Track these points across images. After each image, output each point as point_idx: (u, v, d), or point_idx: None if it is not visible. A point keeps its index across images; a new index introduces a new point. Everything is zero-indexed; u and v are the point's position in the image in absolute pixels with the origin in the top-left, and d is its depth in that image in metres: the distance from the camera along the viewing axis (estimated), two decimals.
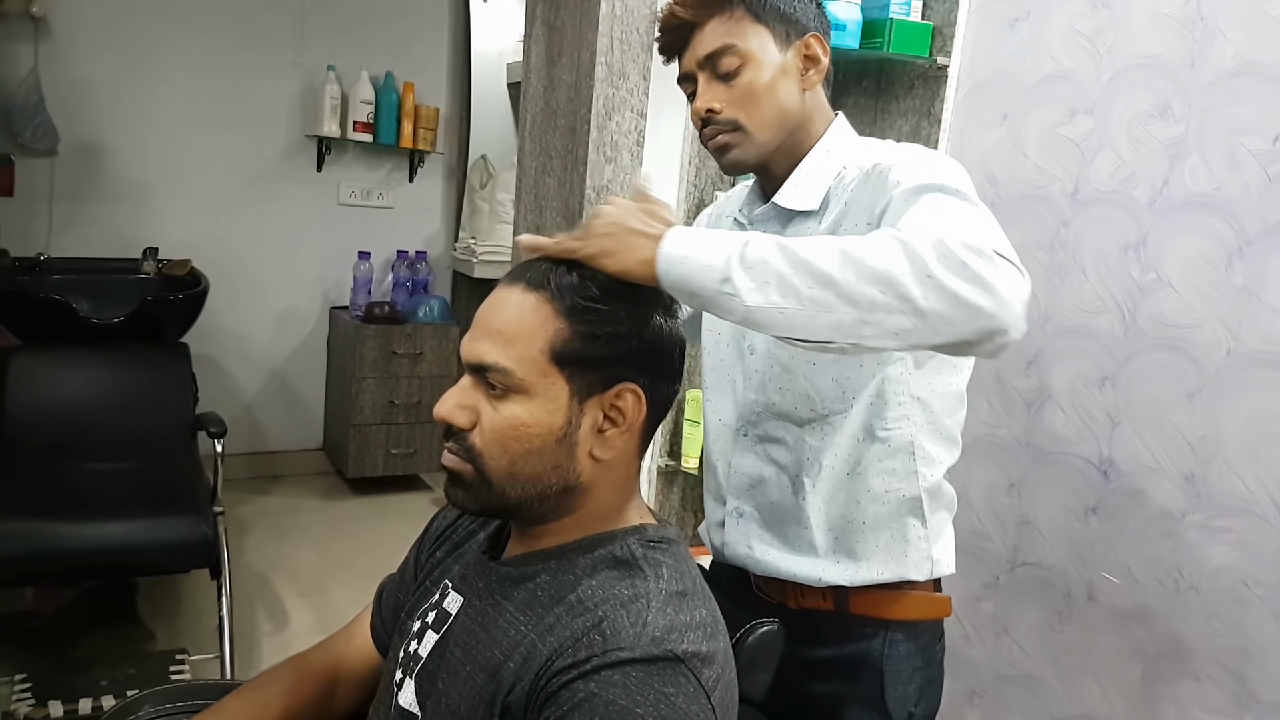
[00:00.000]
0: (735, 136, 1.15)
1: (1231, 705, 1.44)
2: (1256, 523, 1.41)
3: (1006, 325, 0.81)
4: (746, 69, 1.13)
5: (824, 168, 1.17)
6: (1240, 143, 1.42)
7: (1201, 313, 1.47)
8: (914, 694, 1.21)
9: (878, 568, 1.18)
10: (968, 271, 0.80)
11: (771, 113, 1.14)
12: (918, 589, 1.20)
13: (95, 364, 2.90)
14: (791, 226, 1.18)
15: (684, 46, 1.16)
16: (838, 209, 1.13)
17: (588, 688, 0.81)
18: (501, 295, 0.93)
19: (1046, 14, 1.69)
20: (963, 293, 0.80)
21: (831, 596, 1.20)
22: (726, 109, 1.14)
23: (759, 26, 1.13)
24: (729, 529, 1.26)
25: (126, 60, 3.49)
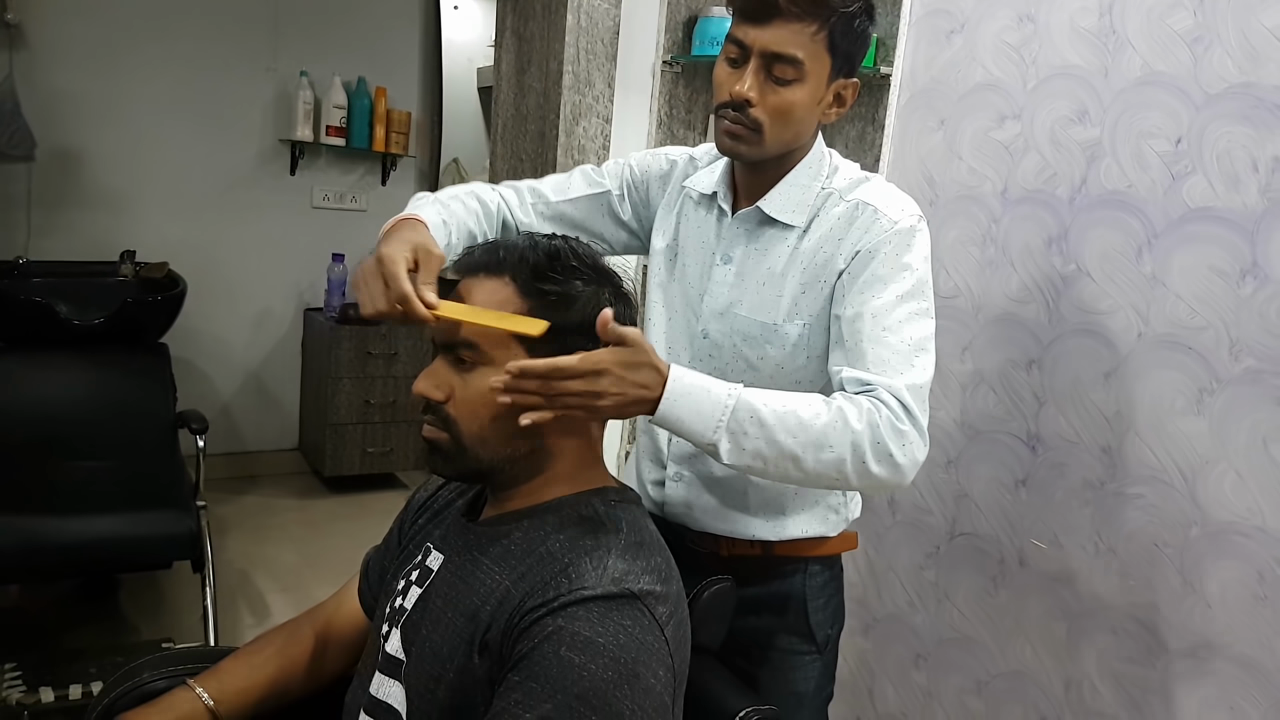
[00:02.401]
0: (750, 135, 1.18)
1: (1144, 654, 1.58)
2: (1164, 489, 1.54)
3: (900, 487, 1.14)
4: (797, 87, 1.15)
5: (808, 185, 1.25)
6: (1148, 145, 1.56)
7: (1115, 300, 1.61)
8: (830, 617, 1.39)
9: (802, 526, 1.34)
10: (890, 462, 1.08)
11: (791, 133, 1.20)
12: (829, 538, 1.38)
13: (76, 365, 2.95)
14: (769, 232, 1.26)
15: (761, 19, 1.14)
16: (821, 231, 1.22)
17: (555, 622, 0.93)
18: (466, 284, 1.06)
19: (978, 27, 1.83)
20: (880, 476, 1.09)
21: (760, 545, 1.34)
22: (759, 108, 1.16)
23: (826, 55, 1.15)
24: (669, 490, 1.37)
25: (102, 67, 3.54)
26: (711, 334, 1.29)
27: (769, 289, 1.25)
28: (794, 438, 1.07)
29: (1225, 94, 1.46)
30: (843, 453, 1.07)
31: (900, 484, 1.12)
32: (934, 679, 1.94)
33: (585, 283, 1.06)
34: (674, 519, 1.37)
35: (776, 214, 1.24)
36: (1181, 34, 1.51)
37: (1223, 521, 1.47)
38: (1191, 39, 1.50)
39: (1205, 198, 1.49)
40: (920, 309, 1.16)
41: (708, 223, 1.32)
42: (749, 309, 1.26)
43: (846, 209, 1.21)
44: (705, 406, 1.06)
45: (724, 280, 1.28)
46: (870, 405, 1.09)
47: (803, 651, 1.37)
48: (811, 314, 1.22)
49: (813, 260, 1.22)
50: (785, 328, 1.24)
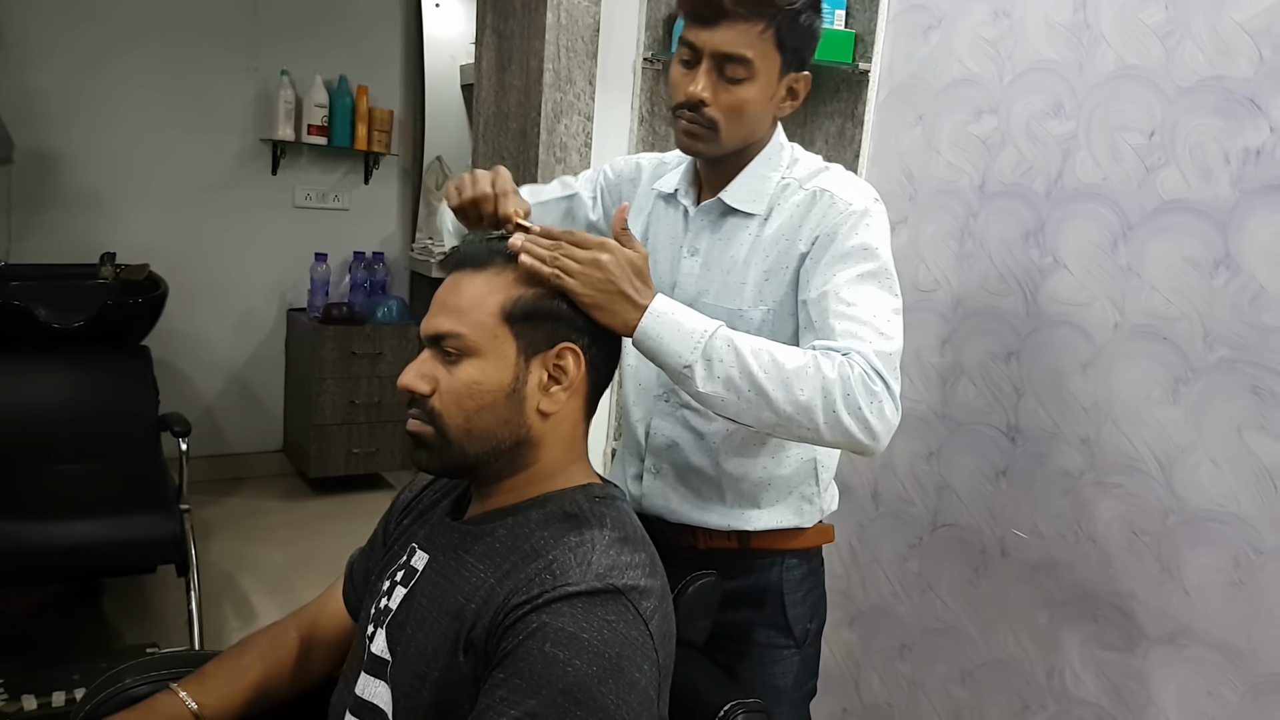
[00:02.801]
0: (706, 134, 1.23)
1: (1125, 641, 1.60)
2: (1142, 478, 1.56)
3: (873, 450, 1.13)
4: (748, 85, 1.19)
5: (767, 175, 1.28)
6: (1122, 138, 1.58)
7: (1092, 291, 1.63)
8: (808, 611, 1.40)
9: (777, 518, 1.36)
10: (860, 415, 1.08)
11: (746, 129, 1.24)
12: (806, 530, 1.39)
13: (58, 368, 2.93)
14: (730, 221, 1.30)
15: (709, 21, 1.17)
16: (781, 219, 1.25)
17: (540, 618, 0.93)
18: (454, 279, 1.07)
19: (955, 22, 1.84)
20: (852, 430, 1.09)
21: (736, 537, 1.37)
22: (713, 107, 1.20)
23: (775, 52, 1.19)
24: (647, 483, 1.40)
25: (81, 67, 3.52)
26: None
27: (733, 276, 1.28)
28: (766, 373, 1.08)
29: (1197, 87, 1.48)
30: (814, 397, 1.08)
31: (873, 446, 1.11)
32: (919, 669, 1.95)
33: None
34: (652, 512, 1.39)
35: (737, 204, 1.28)
36: (1153, 28, 1.53)
37: (1199, 509, 1.49)
38: (1163, 33, 1.52)
39: (1178, 189, 1.50)
40: (882, 285, 1.18)
41: (675, 219, 1.36)
42: (715, 297, 1.29)
43: (805, 196, 1.25)
44: (687, 327, 1.09)
45: (691, 271, 1.32)
46: (843, 360, 1.10)
47: (780, 645, 1.38)
48: (775, 299, 1.25)
49: (774, 247, 1.25)
50: (750, 314, 1.27)
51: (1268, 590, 1.41)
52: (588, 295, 1.06)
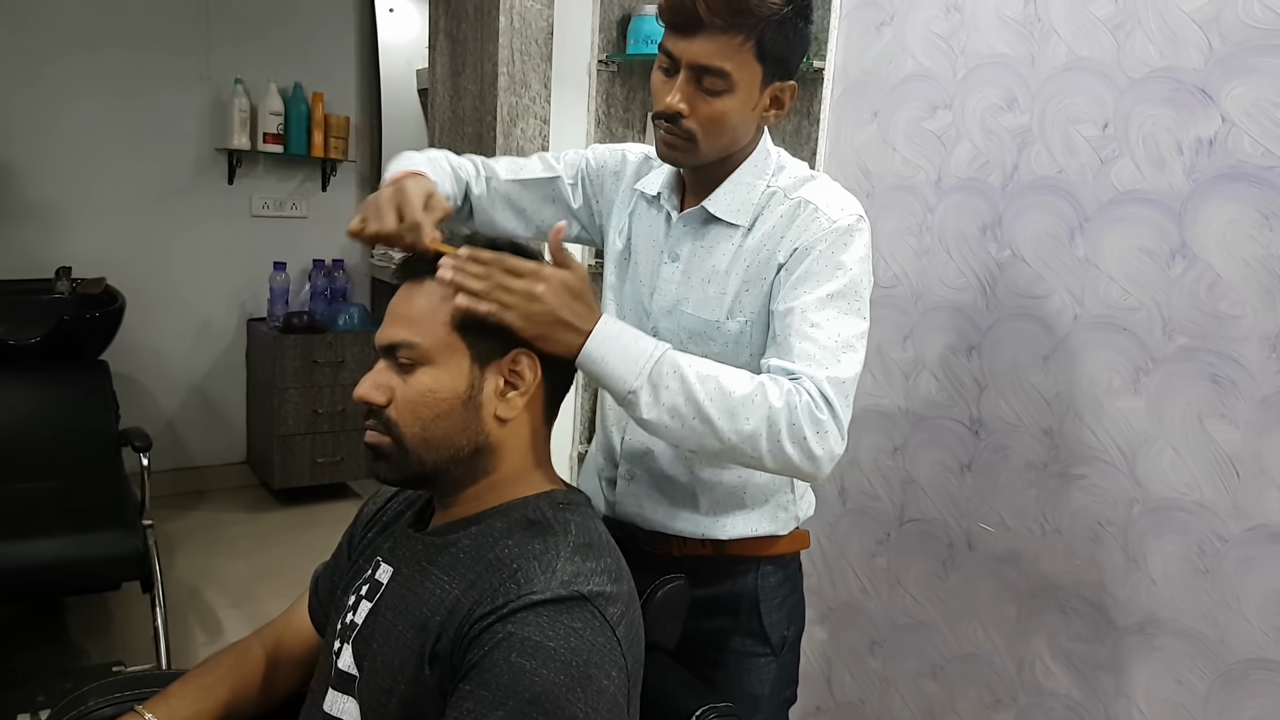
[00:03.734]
0: (684, 145, 1.20)
1: (1093, 632, 1.61)
2: (1105, 468, 1.57)
3: (815, 478, 1.14)
4: (727, 97, 1.15)
5: (752, 183, 1.25)
6: (1076, 130, 1.59)
7: (1050, 283, 1.63)
8: (785, 618, 1.39)
9: (752, 525, 1.34)
10: (803, 445, 1.08)
11: (726, 139, 1.21)
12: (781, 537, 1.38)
13: (14, 385, 2.91)
14: (713, 229, 1.26)
15: (685, 32, 1.13)
16: (764, 229, 1.23)
17: (505, 628, 0.92)
18: (406, 289, 1.06)
19: (907, 18, 1.84)
20: (794, 459, 1.09)
21: (711, 545, 1.34)
22: (691, 119, 1.17)
23: (756, 64, 1.15)
24: (620, 489, 1.38)
25: (28, 77, 3.47)
26: (661, 331, 1.30)
27: (713, 286, 1.25)
28: (712, 401, 1.07)
29: (1148, 78, 1.49)
30: (758, 427, 1.07)
31: (815, 475, 1.12)
32: (889, 664, 1.96)
33: None
34: (625, 518, 1.38)
35: (721, 213, 1.25)
36: (1103, 20, 1.54)
37: (1163, 498, 1.50)
38: (1113, 25, 1.53)
39: (1133, 180, 1.52)
40: (850, 308, 1.17)
41: (657, 222, 1.33)
42: (694, 306, 1.27)
43: (789, 207, 1.22)
44: (633, 352, 1.08)
45: (671, 278, 1.29)
46: (792, 388, 1.09)
47: (757, 653, 1.37)
48: (753, 311, 1.23)
49: (755, 258, 1.23)
50: (727, 325, 1.25)
51: (1232, 577, 1.42)
52: (528, 329, 1.04)
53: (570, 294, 1.05)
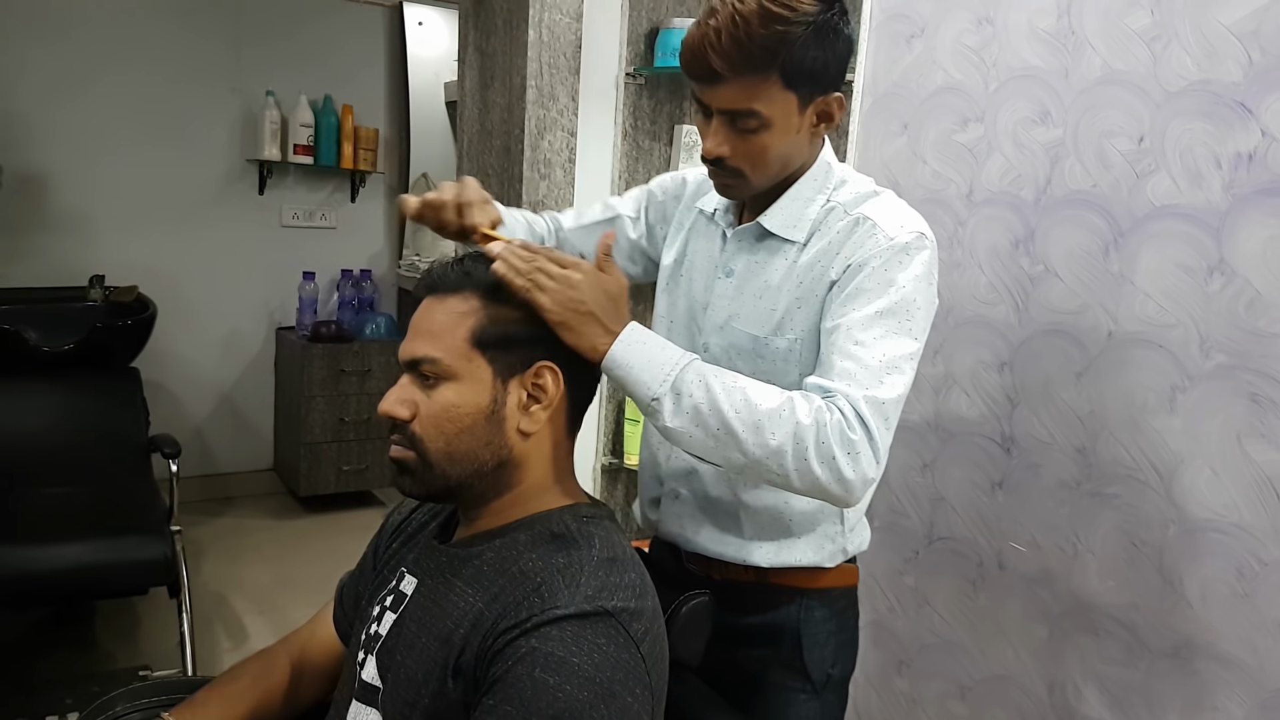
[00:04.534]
0: (737, 183, 1.19)
1: (1126, 655, 1.58)
2: (1139, 488, 1.55)
3: (845, 502, 1.08)
4: (764, 133, 1.13)
5: (810, 198, 1.22)
6: (1110, 144, 1.57)
7: (1084, 299, 1.61)
8: (830, 656, 1.32)
9: (796, 555, 1.29)
10: (832, 465, 1.04)
11: (776, 167, 1.18)
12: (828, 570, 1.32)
13: (47, 391, 2.94)
14: (768, 244, 1.24)
15: (708, 84, 1.13)
16: (820, 245, 1.19)
17: (529, 643, 0.91)
18: (428, 303, 1.06)
19: (938, 31, 1.83)
20: (821, 479, 1.04)
21: (753, 572, 1.30)
22: (734, 158, 1.16)
23: (788, 93, 1.12)
24: (664, 508, 1.36)
25: (65, 91, 3.52)
26: (711, 347, 1.28)
27: (764, 302, 1.23)
28: (737, 413, 1.05)
29: (1185, 91, 1.47)
30: (784, 442, 1.04)
31: (846, 499, 1.07)
32: (916, 685, 1.93)
33: None
34: (668, 537, 1.36)
35: (775, 229, 1.23)
36: (1139, 33, 1.52)
37: (1200, 519, 1.47)
38: (1150, 38, 1.51)
39: (1169, 195, 1.49)
40: (899, 327, 1.11)
41: (713, 238, 1.31)
42: (744, 322, 1.24)
43: (848, 223, 1.18)
44: (659, 358, 1.07)
45: (725, 294, 1.27)
46: (823, 405, 1.05)
47: (796, 689, 1.31)
48: (804, 329, 1.19)
49: (808, 274, 1.19)
50: (775, 341, 1.21)
51: (1273, 602, 1.39)
52: (556, 313, 1.03)
53: (606, 294, 1.06)
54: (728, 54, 1.08)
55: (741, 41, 1.07)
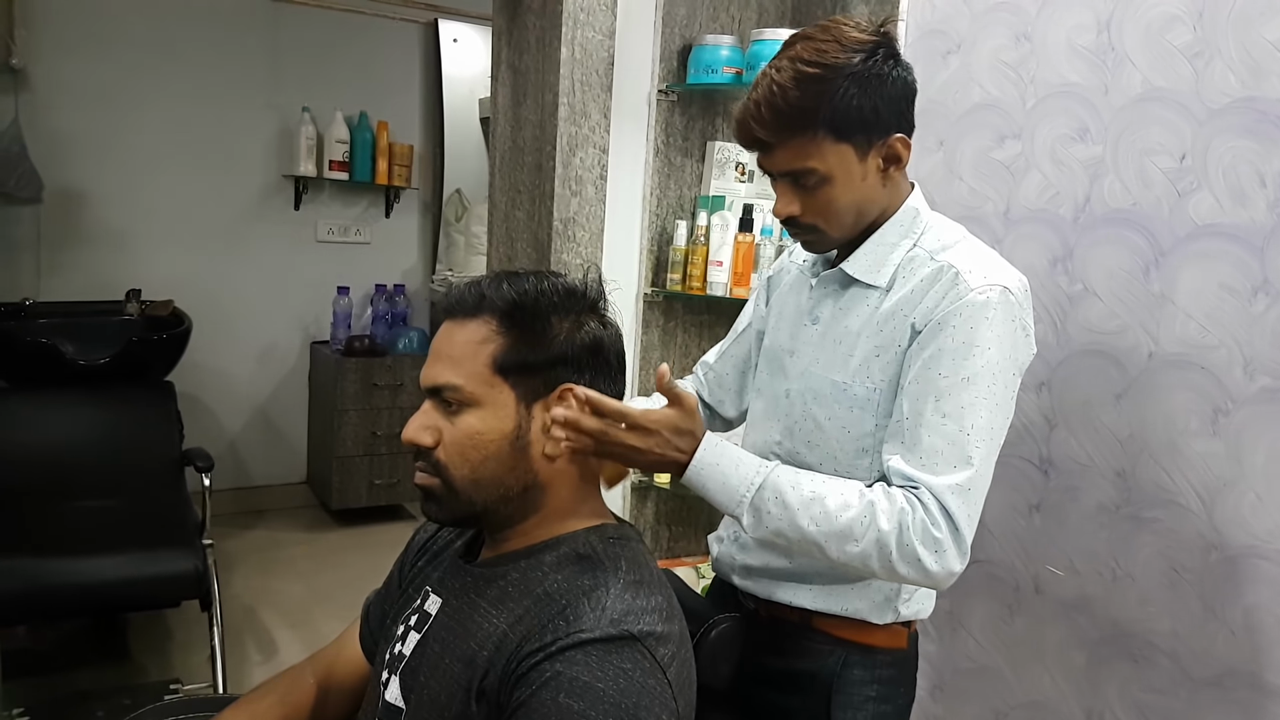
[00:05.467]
0: (815, 236, 1.20)
1: (1167, 683, 1.53)
2: (1180, 512, 1.51)
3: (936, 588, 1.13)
4: (827, 187, 1.14)
5: (895, 244, 1.20)
6: (1151, 162, 1.54)
7: (1124, 319, 1.58)
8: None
9: (845, 603, 1.25)
10: (918, 565, 1.05)
11: (850, 218, 1.18)
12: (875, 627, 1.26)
13: (83, 404, 2.98)
14: (852, 290, 1.22)
15: (760, 151, 1.15)
16: (902, 293, 1.17)
17: (553, 667, 0.90)
18: (447, 327, 1.05)
19: (974, 47, 1.81)
20: (909, 577, 1.07)
21: (798, 613, 1.27)
22: (805, 215, 1.17)
23: (841, 144, 1.12)
24: (724, 547, 1.36)
25: (106, 108, 3.58)
26: (793, 393, 1.27)
27: (843, 347, 1.21)
28: (817, 525, 1.07)
29: (1228, 108, 1.44)
30: (868, 549, 1.06)
31: (934, 587, 1.10)
32: (951, 710, 1.89)
33: (561, 313, 1.04)
34: (721, 574, 1.37)
35: (858, 274, 1.21)
36: (1181, 49, 1.49)
37: (1243, 545, 1.43)
38: (1192, 54, 1.48)
39: (1212, 214, 1.46)
40: (986, 393, 1.09)
41: (802, 287, 1.32)
42: (823, 367, 1.23)
43: (931, 270, 1.16)
44: (732, 480, 1.09)
45: (810, 340, 1.26)
46: (905, 505, 1.06)
47: None
48: (885, 378, 1.17)
49: (888, 322, 1.17)
50: (854, 388, 1.19)
51: None
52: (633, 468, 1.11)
53: (677, 435, 1.07)
54: (768, 123, 1.11)
55: (779, 109, 1.10)
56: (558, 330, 1.03)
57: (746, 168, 2.20)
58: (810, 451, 1.23)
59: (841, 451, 1.20)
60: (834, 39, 1.11)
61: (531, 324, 1.02)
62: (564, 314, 1.04)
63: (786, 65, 1.10)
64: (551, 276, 1.07)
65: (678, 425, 1.07)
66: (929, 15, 1.90)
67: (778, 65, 1.11)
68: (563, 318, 1.04)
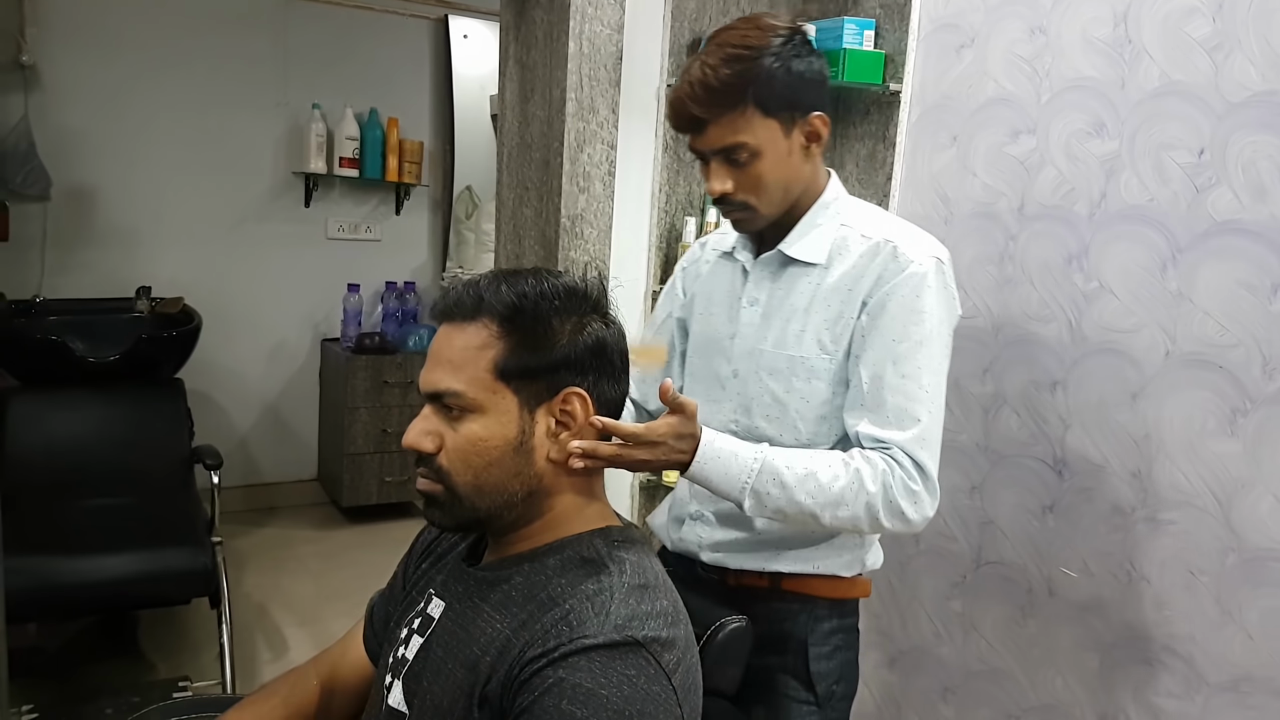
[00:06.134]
0: (747, 214, 1.28)
1: (1183, 688, 1.51)
2: (1197, 514, 1.48)
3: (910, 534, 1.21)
4: (758, 161, 1.23)
5: (826, 224, 1.30)
6: (1169, 157, 1.51)
7: (1140, 317, 1.55)
8: (835, 670, 1.36)
9: (815, 564, 1.34)
10: (901, 516, 1.19)
11: (779, 193, 1.27)
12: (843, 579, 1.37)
13: (92, 402, 2.96)
14: (790, 270, 1.31)
15: (695, 131, 1.24)
16: (843, 268, 1.27)
17: (556, 673, 0.89)
18: (446, 330, 1.02)
19: (989, 41, 1.79)
20: (891, 527, 1.20)
21: (767, 577, 1.35)
22: (738, 192, 1.25)
23: (769, 120, 1.22)
24: (687, 529, 1.40)
25: (115, 106, 3.57)
26: (741, 372, 1.34)
27: (794, 324, 1.29)
28: (813, 498, 1.17)
29: (1248, 102, 1.41)
30: (857, 511, 1.18)
31: (911, 533, 1.25)
32: (962, 713, 1.87)
33: (563, 315, 1.02)
34: (688, 553, 1.40)
35: (797, 254, 1.30)
36: (1200, 41, 1.46)
37: (1261, 548, 1.41)
38: (1211, 46, 1.45)
39: (1231, 210, 1.43)
40: (935, 352, 1.22)
41: (733, 273, 1.38)
42: (774, 344, 1.31)
43: (868, 247, 1.26)
44: (733, 469, 1.18)
45: (751, 321, 1.34)
46: (885, 466, 1.18)
47: (800, 699, 1.34)
48: (838, 348, 1.27)
49: (835, 296, 1.27)
50: (811, 360, 1.28)
51: None
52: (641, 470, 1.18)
53: (679, 440, 1.15)
54: (703, 100, 1.21)
55: (712, 86, 1.20)
56: (560, 333, 1.01)
57: None
58: (770, 425, 1.31)
59: (802, 421, 1.29)
60: (755, 26, 1.23)
61: (533, 327, 1.00)
62: (565, 315, 1.02)
63: (715, 49, 1.21)
64: (551, 276, 1.05)
65: (680, 432, 1.14)
66: (942, 9, 1.88)
67: (707, 51, 1.22)
68: (564, 319, 1.02)
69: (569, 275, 1.06)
